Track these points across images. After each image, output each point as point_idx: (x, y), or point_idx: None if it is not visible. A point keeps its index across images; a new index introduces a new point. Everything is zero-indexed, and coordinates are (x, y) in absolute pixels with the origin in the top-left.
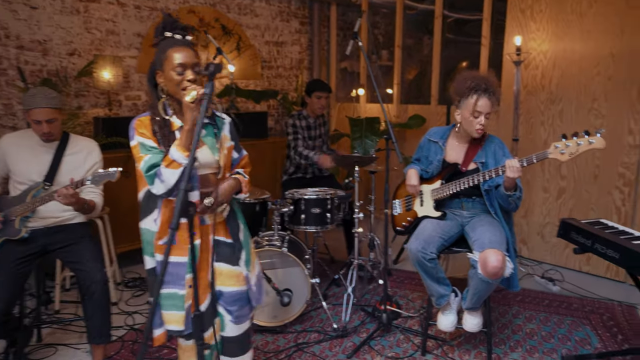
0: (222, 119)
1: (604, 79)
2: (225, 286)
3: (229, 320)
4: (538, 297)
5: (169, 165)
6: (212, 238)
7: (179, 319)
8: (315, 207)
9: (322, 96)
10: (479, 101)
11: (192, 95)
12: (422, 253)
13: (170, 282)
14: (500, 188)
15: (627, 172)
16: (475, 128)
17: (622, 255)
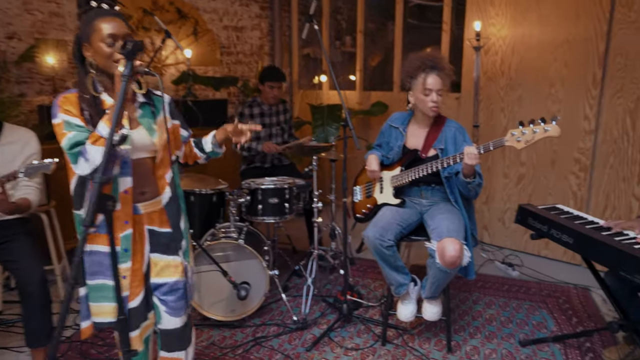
0: (160, 98)
1: (561, 64)
2: (162, 277)
3: (165, 312)
4: (498, 282)
5: (95, 141)
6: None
7: (110, 310)
8: (272, 197)
9: (274, 86)
10: (428, 78)
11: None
12: (380, 240)
13: (99, 272)
14: (460, 175)
15: (583, 157)
16: (429, 106)
17: (575, 240)
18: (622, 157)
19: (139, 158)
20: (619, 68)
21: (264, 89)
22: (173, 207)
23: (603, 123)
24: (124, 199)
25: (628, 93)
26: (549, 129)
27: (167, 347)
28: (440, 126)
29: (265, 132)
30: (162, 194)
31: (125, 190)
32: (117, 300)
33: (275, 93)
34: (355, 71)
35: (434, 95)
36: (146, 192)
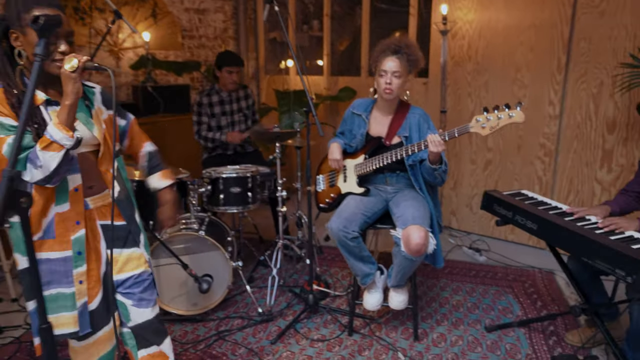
0: (91, 89)
1: (527, 49)
2: (125, 272)
3: (132, 305)
4: (465, 268)
5: (47, 147)
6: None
7: (70, 320)
8: (234, 186)
9: (233, 71)
10: (385, 60)
11: (73, 63)
12: (344, 232)
13: (53, 281)
14: (425, 162)
15: (548, 142)
16: (382, 88)
17: (539, 226)
18: (585, 142)
19: (82, 153)
20: (582, 53)
21: (222, 75)
22: (124, 200)
23: (567, 108)
24: (75, 198)
25: (591, 78)
26: (513, 114)
27: (144, 344)
28: (404, 113)
29: (227, 120)
30: (110, 188)
31: (76, 187)
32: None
33: (234, 78)
34: (323, 56)
35: (388, 76)
36: (93, 186)
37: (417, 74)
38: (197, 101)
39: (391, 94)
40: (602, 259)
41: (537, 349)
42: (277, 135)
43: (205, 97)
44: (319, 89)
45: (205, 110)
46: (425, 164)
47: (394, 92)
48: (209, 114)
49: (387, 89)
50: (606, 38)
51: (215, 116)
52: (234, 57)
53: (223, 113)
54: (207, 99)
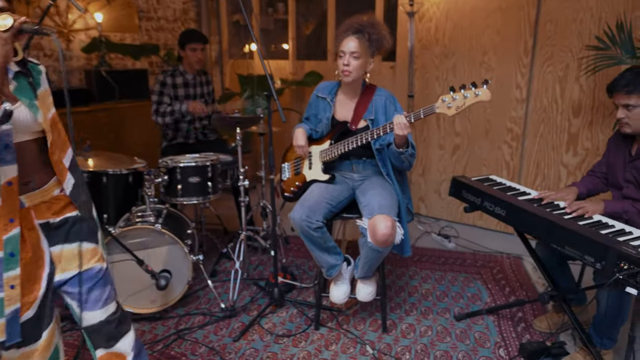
0: (37, 67)
1: (494, 32)
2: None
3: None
4: (434, 255)
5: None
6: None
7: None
8: (193, 175)
9: (197, 48)
10: (345, 41)
11: (7, 22)
12: (307, 222)
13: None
14: (392, 146)
15: (515, 126)
16: (340, 69)
17: (508, 212)
18: (552, 125)
19: (20, 142)
20: (549, 35)
21: (187, 54)
22: (80, 194)
23: (534, 91)
24: (7, 193)
25: (557, 61)
26: (479, 93)
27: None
28: (370, 96)
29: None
30: (64, 181)
31: (9, 181)
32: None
33: (199, 56)
34: (288, 39)
35: (346, 57)
36: (30, 182)
37: (385, 57)
38: (159, 80)
39: (349, 75)
40: (571, 245)
41: (506, 336)
42: (237, 121)
43: (169, 77)
44: (285, 73)
45: (168, 90)
46: (392, 147)
47: (352, 74)
48: (172, 95)
49: (345, 70)
50: (571, 20)
51: (178, 98)
52: (198, 34)
53: (187, 96)
54: (171, 80)
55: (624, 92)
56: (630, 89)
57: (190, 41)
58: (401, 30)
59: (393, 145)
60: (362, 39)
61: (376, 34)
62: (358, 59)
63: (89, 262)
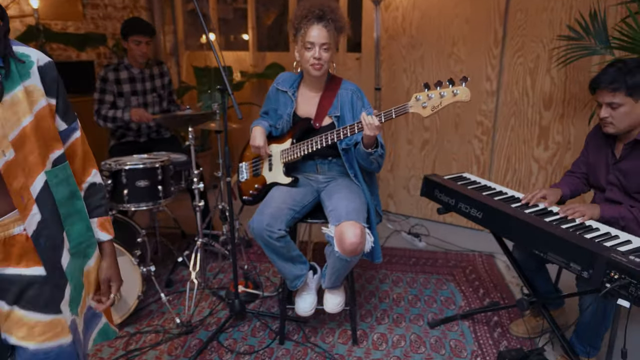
0: (26, 56)
1: (462, 21)
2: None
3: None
4: (405, 255)
5: None
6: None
7: None
8: (141, 179)
9: (141, 41)
10: (311, 30)
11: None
12: (268, 231)
13: None
14: (359, 146)
15: (485, 120)
16: (310, 63)
17: (485, 215)
18: (522, 118)
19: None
20: (519, 25)
21: (130, 47)
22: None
23: (504, 84)
24: None
25: (528, 52)
26: (457, 92)
27: None
28: (335, 89)
29: (138, 100)
30: (27, 216)
31: None
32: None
33: (144, 50)
34: (248, 29)
35: (316, 50)
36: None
37: (350, 48)
38: (101, 76)
39: (321, 69)
40: (555, 252)
41: (483, 343)
42: (189, 118)
43: (111, 72)
44: (245, 65)
45: (111, 87)
46: (359, 148)
47: (323, 67)
48: (115, 92)
49: (317, 64)
50: (542, 9)
51: (123, 95)
52: (142, 24)
53: (133, 92)
54: (114, 75)
55: (609, 89)
56: (615, 86)
57: (132, 32)
58: (367, 20)
59: (361, 146)
60: (328, 26)
61: (339, 20)
62: (328, 50)
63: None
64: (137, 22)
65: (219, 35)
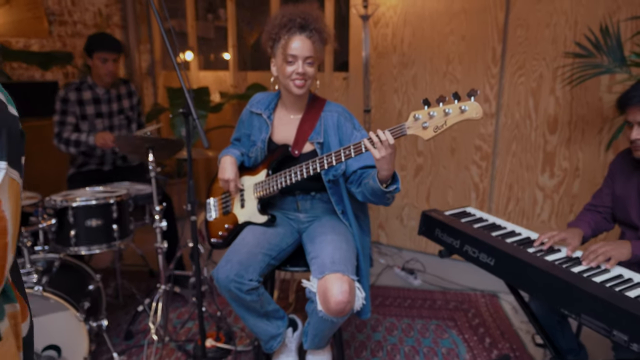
0: None
1: (458, 38)
2: None
3: None
4: (399, 296)
5: None
6: None
7: None
8: (91, 217)
9: (107, 58)
10: (293, 41)
11: None
12: (237, 284)
13: None
14: (370, 182)
15: (484, 144)
16: (292, 78)
17: (498, 262)
18: (525, 143)
19: None
20: (519, 42)
21: (95, 64)
22: None
23: (504, 105)
24: None
25: (530, 70)
26: (466, 108)
27: None
28: (318, 111)
29: (104, 123)
30: None
31: None
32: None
33: (110, 68)
34: (228, 48)
35: (299, 64)
36: None
37: (336, 67)
38: (61, 96)
39: (303, 87)
40: (593, 315)
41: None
42: (150, 144)
43: (73, 92)
44: (225, 86)
45: (73, 108)
46: (371, 185)
47: (306, 85)
48: (78, 114)
49: (300, 82)
50: (544, 25)
51: (87, 118)
52: (109, 40)
53: (98, 114)
54: (76, 95)
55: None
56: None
57: (98, 49)
58: (354, 37)
59: (373, 181)
60: (313, 38)
61: (324, 30)
62: (313, 65)
63: None
64: (104, 38)
65: (197, 54)
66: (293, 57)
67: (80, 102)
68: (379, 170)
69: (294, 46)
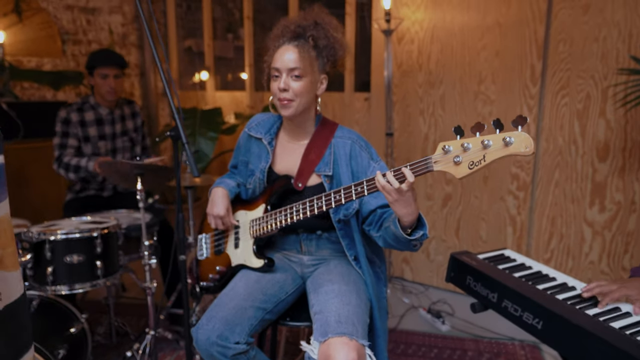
0: None
1: (491, 54)
2: None
3: None
4: (425, 344)
5: None
6: None
7: None
8: (71, 252)
9: (108, 74)
10: (279, 52)
11: None
12: (220, 347)
13: None
14: (391, 226)
15: (522, 172)
16: (277, 97)
17: (548, 326)
18: (570, 171)
19: None
20: (562, 58)
21: (96, 82)
22: None
23: (545, 129)
24: None
25: (575, 90)
26: (512, 140)
27: None
28: (328, 138)
29: (107, 146)
30: None
31: None
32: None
33: (112, 84)
34: (245, 67)
35: (282, 78)
36: None
37: (357, 87)
38: (62, 118)
39: (289, 106)
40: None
41: None
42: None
43: (75, 113)
44: (242, 106)
45: (75, 130)
46: (392, 230)
47: (294, 104)
48: (80, 136)
49: (283, 99)
50: (592, 39)
51: (89, 140)
52: (110, 54)
53: (101, 136)
54: (78, 116)
55: None
56: None
57: (99, 64)
58: (376, 55)
59: (394, 227)
60: (304, 47)
61: (326, 37)
62: (301, 78)
63: None
64: (104, 53)
65: (214, 74)
66: (277, 70)
67: (82, 124)
68: (399, 216)
69: (276, 57)
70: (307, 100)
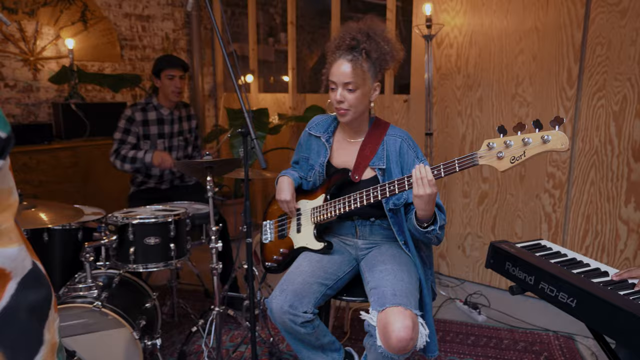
0: None
1: (529, 58)
2: None
3: None
4: (462, 332)
5: None
6: None
7: None
8: (150, 235)
9: (174, 75)
10: (335, 66)
11: None
12: (291, 315)
13: None
14: (411, 216)
15: (558, 171)
16: (335, 107)
17: (581, 303)
18: (606, 171)
19: None
20: (599, 61)
21: (163, 83)
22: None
23: (581, 129)
24: None
25: (611, 92)
26: (549, 138)
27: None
28: (380, 136)
29: (164, 144)
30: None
31: None
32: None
33: (178, 85)
34: (288, 70)
35: (338, 91)
36: None
37: (397, 89)
38: (127, 116)
39: (345, 114)
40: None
41: None
42: (208, 166)
43: (139, 112)
44: (284, 108)
45: (137, 129)
46: (411, 219)
47: (350, 112)
48: (141, 134)
49: (340, 109)
50: (629, 42)
51: (149, 138)
52: (175, 59)
53: (160, 135)
54: (142, 115)
55: None
56: None
57: (166, 67)
58: (416, 58)
59: (413, 217)
60: (357, 61)
61: (378, 48)
62: (354, 91)
63: None
64: (170, 57)
65: (257, 77)
66: (333, 83)
67: (144, 123)
68: (416, 209)
69: (333, 71)
70: (361, 108)
